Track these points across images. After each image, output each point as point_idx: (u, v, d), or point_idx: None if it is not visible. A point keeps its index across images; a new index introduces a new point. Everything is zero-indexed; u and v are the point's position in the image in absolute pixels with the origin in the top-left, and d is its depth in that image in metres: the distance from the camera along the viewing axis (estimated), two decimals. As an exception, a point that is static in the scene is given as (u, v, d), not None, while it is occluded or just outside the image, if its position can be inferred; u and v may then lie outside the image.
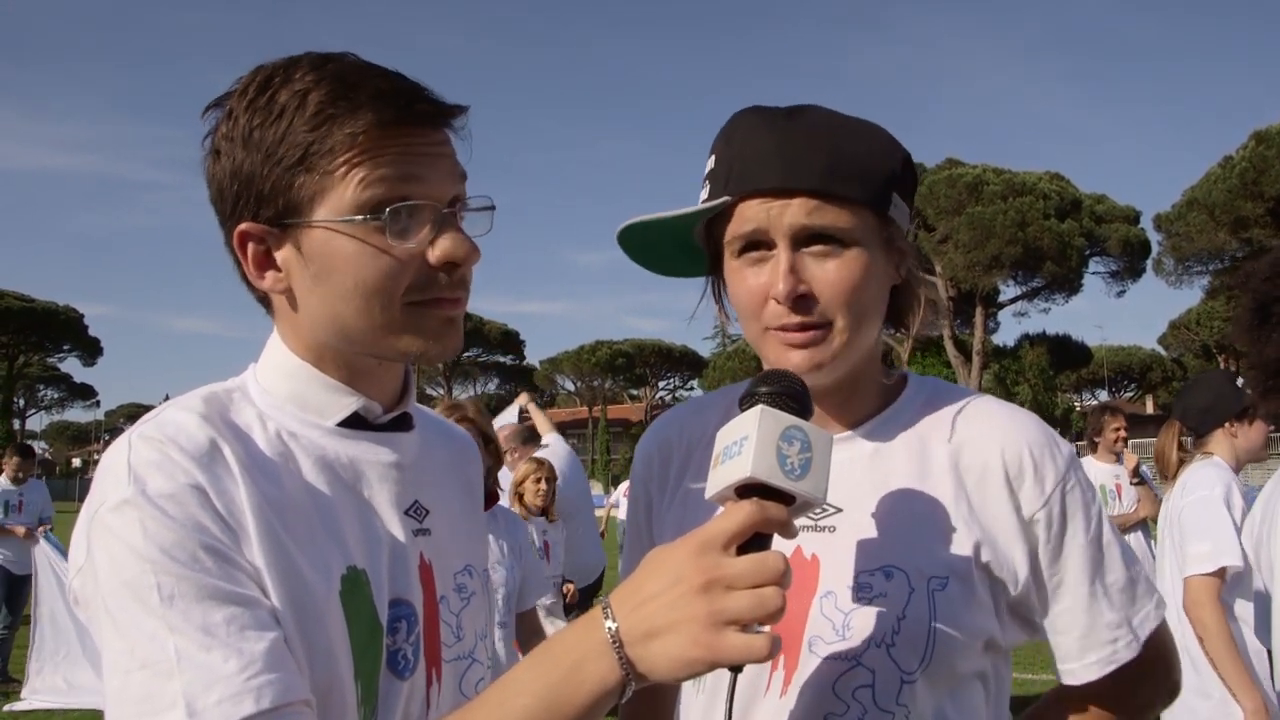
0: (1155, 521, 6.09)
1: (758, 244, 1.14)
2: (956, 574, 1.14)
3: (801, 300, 1.11)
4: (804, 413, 0.96)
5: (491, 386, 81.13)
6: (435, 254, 1.02)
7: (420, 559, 1.10)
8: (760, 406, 0.94)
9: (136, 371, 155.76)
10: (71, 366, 75.09)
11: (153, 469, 0.92)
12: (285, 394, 1.07)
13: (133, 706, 0.86)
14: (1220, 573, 3.22)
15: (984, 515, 1.18)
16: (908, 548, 1.15)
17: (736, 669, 0.88)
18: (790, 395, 0.97)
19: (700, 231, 1.22)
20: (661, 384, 75.41)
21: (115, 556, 0.89)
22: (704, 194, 1.18)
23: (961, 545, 1.15)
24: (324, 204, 0.99)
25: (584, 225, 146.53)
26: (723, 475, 0.93)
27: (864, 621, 1.12)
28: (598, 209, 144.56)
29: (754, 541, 0.89)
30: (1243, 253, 37.73)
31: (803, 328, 1.12)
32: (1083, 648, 1.22)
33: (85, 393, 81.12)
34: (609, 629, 0.87)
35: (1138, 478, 6.02)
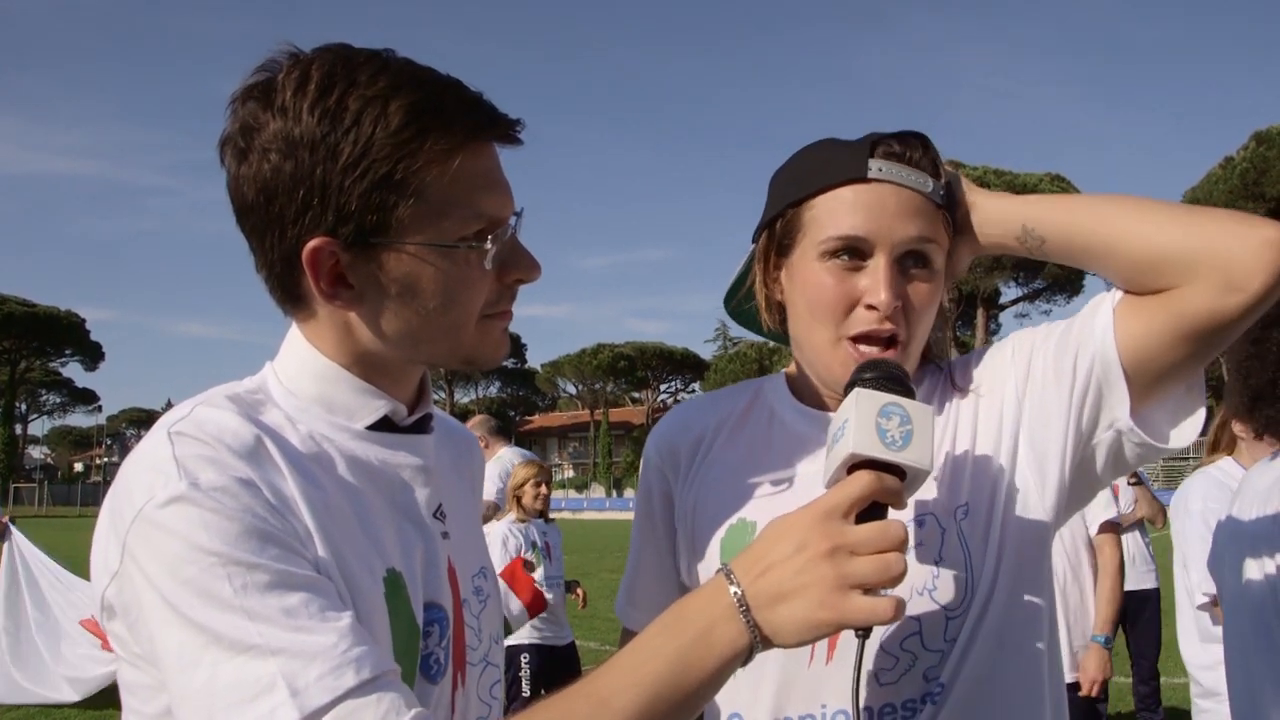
0: (1152, 522, 6.14)
1: (853, 251, 1.16)
2: (980, 497, 1.17)
3: (897, 312, 1.15)
4: (904, 392, 0.99)
5: (493, 390, 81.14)
6: (514, 273, 1.03)
7: (447, 562, 1.10)
8: (856, 390, 0.98)
9: (138, 376, 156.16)
10: (73, 371, 75.43)
11: (203, 463, 0.88)
12: (312, 396, 1.03)
13: (226, 696, 0.81)
14: None
15: (993, 422, 1.21)
16: (934, 494, 1.18)
17: (862, 632, 0.91)
18: (888, 378, 1.01)
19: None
20: (663, 387, 75.39)
21: (172, 555, 0.85)
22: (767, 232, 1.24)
23: (984, 469, 1.19)
24: (418, 227, 0.95)
25: (586, 229, 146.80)
26: (832, 458, 0.98)
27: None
28: (600, 213, 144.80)
29: (870, 512, 0.92)
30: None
31: (884, 336, 1.16)
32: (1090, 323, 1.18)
33: (87, 397, 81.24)
34: (734, 594, 0.89)
35: (1135, 478, 6.03)
